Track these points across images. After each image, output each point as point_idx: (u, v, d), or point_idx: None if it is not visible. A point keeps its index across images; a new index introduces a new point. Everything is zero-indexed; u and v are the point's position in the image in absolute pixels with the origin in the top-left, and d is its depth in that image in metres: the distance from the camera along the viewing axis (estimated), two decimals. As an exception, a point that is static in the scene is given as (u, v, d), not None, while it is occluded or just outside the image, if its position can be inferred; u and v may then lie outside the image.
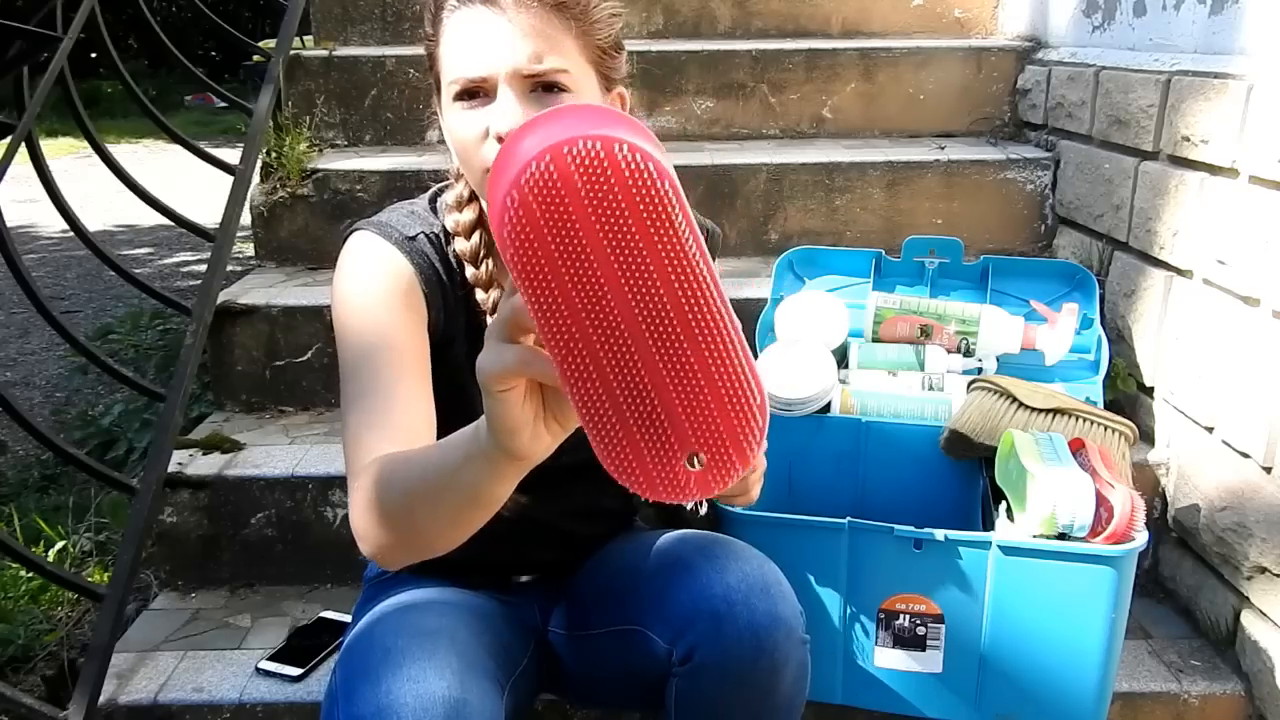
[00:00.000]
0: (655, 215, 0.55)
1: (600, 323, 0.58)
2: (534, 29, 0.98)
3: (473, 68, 1.00)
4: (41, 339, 3.68)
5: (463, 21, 1.01)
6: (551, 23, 0.99)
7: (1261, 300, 1.47)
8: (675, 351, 0.59)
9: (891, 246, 1.90)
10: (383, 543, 0.92)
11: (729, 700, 1.06)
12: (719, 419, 0.60)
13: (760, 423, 0.61)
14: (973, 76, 2.42)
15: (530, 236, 0.56)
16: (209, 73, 5.29)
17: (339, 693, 0.98)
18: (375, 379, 1.02)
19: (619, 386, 0.60)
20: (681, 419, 0.60)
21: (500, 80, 0.99)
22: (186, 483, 1.72)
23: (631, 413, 0.61)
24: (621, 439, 0.61)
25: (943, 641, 1.36)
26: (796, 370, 1.58)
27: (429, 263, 1.10)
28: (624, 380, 0.60)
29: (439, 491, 0.84)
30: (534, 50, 0.98)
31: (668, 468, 0.61)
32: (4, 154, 1.57)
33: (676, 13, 2.71)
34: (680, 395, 0.60)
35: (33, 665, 1.71)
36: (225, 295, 1.97)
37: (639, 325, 0.58)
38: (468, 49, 1.00)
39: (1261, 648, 1.47)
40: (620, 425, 0.61)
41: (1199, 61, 1.69)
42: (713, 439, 0.61)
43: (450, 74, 1.02)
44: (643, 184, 0.55)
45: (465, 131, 1.01)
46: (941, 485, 1.57)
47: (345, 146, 2.39)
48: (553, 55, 0.99)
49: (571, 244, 0.56)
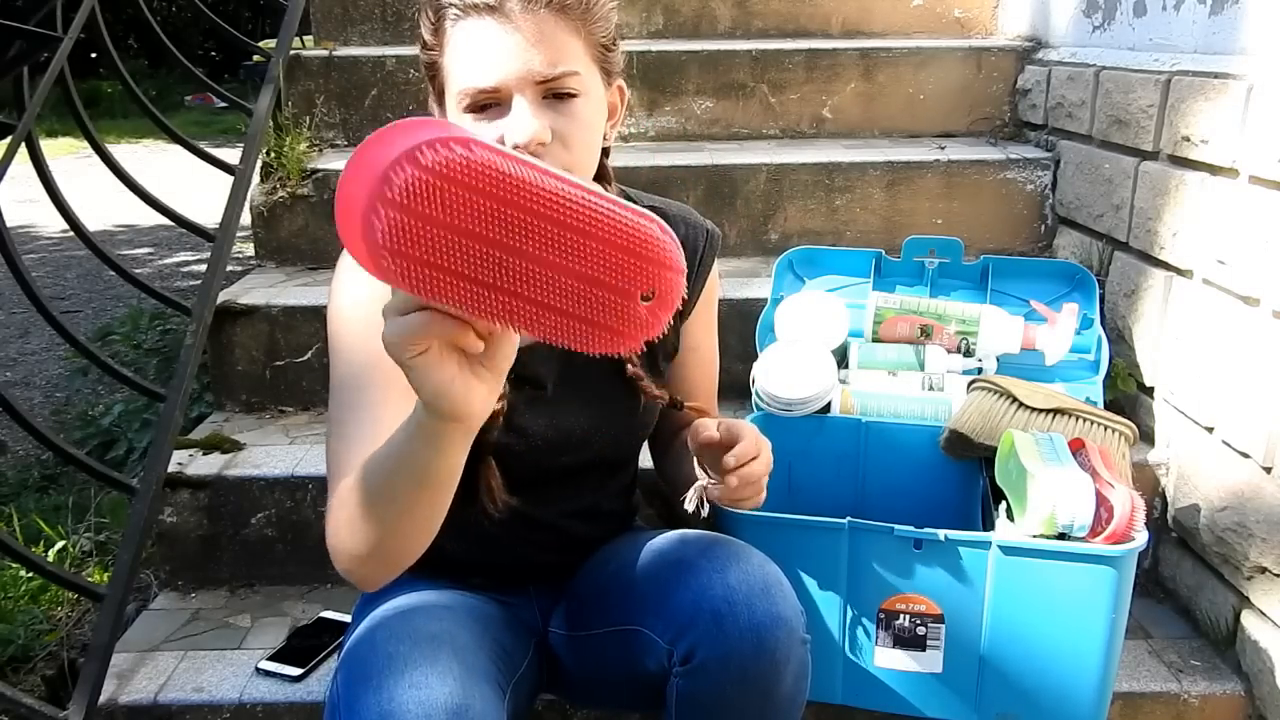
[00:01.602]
0: (484, 177, 0.64)
1: (501, 267, 0.66)
2: (543, 35, 0.98)
3: (484, 78, 0.99)
4: (41, 339, 3.68)
5: (469, 32, 0.99)
6: (559, 26, 0.99)
7: (1261, 300, 1.47)
8: (568, 248, 0.67)
9: (891, 246, 1.90)
10: (353, 552, 0.95)
11: (730, 700, 1.06)
12: (635, 258, 0.69)
13: (662, 235, 0.70)
14: (973, 76, 2.42)
15: (413, 229, 0.64)
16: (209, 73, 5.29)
17: (341, 699, 0.98)
18: (360, 402, 1.04)
19: (545, 298, 0.68)
20: (611, 279, 0.68)
21: (513, 90, 0.99)
22: (186, 483, 1.72)
23: (571, 306, 0.68)
24: (579, 328, 0.69)
25: (943, 641, 1.36)
26: (796, 370, 1.58)
27: None
28: (545, 292, 0.67)
29: (393, 478, 0.86)
30: (545, 57, 0.98)
31: (629, 318, 0.70)
32: (4, 154, 1.57)
33: (676, 13, 2.71)
34: (597, 265, 0.68)
35: (33, 665, 1.71)
36: (225, 295, 1.97)
37: (529, 253, 0.66)
38: (477, 60, 0.99)
39: (1261, 648, 1.47)
40: (569, 321, 0.68)
41: (1199, 61, 1.69)
42: (642, 274, 0.69)
43: (459, 84, 1.01)
44: (470, 162, 0.63)
45: None
46: (941, 485, 1.57)
47: (345, 146, 2.39)
48: (563, 60, 0.99)
49: (445, 225, 0.64)
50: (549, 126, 1.00)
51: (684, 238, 1.20)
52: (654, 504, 1.64)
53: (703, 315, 1.27)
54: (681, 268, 0.71)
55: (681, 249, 0.71)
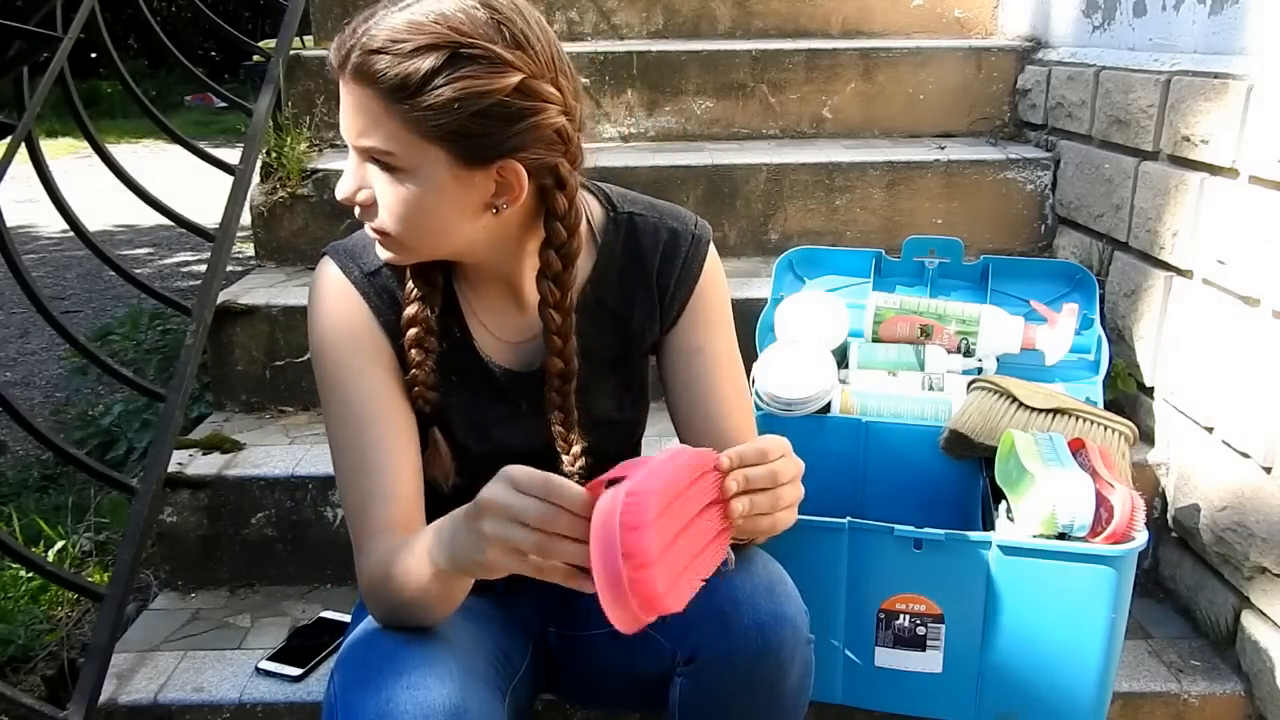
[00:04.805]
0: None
1: None
2: (360, 107, 1.01)
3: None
4: (41, 339, 3.68)
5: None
6: (376, 105, 0.99)
7: (1261, 300, 1.47)
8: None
9: (891, 246, 1.90)
10: (378, 616, 1.05)
11: (734, 700, 1.06)
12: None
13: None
14: (973, 76, 2.42)
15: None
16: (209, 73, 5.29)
17: (338, 700, 0.98)
18: (361, 446, 1.07)
19: None
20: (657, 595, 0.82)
21: (349, 144, 1.04)
22: (186, 483, 1.72)
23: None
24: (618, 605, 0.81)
25: (943, 641, 1.36)
26: (796, 370, 1.58)
27: (389, 300, 1.11)
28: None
29: (417, 586, 0.97)
30: (357, 127, 1.02)
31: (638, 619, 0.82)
32: (4, 154, 1.57)
33: (676, 13, 2.71)
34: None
35: (33, 665, 1.71)
36: (225, 295, 1.97)
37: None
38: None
39: (1261, 648, 1.47)
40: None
41: (1199, 62, 1.69)
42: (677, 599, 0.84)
43: None
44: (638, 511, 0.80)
45: None
46: (941, 485, 1.57)
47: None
48: (373, 136, 1.00)
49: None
50: (359, 187, 1.04)
51: (666, 241, 1.18)
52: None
53: (701, 316, 1.20)
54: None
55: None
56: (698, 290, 1.19)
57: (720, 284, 1.23)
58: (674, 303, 1.19)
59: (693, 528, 0.85)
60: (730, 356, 1.23)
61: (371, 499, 1.05)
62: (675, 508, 0.83)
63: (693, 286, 1.19)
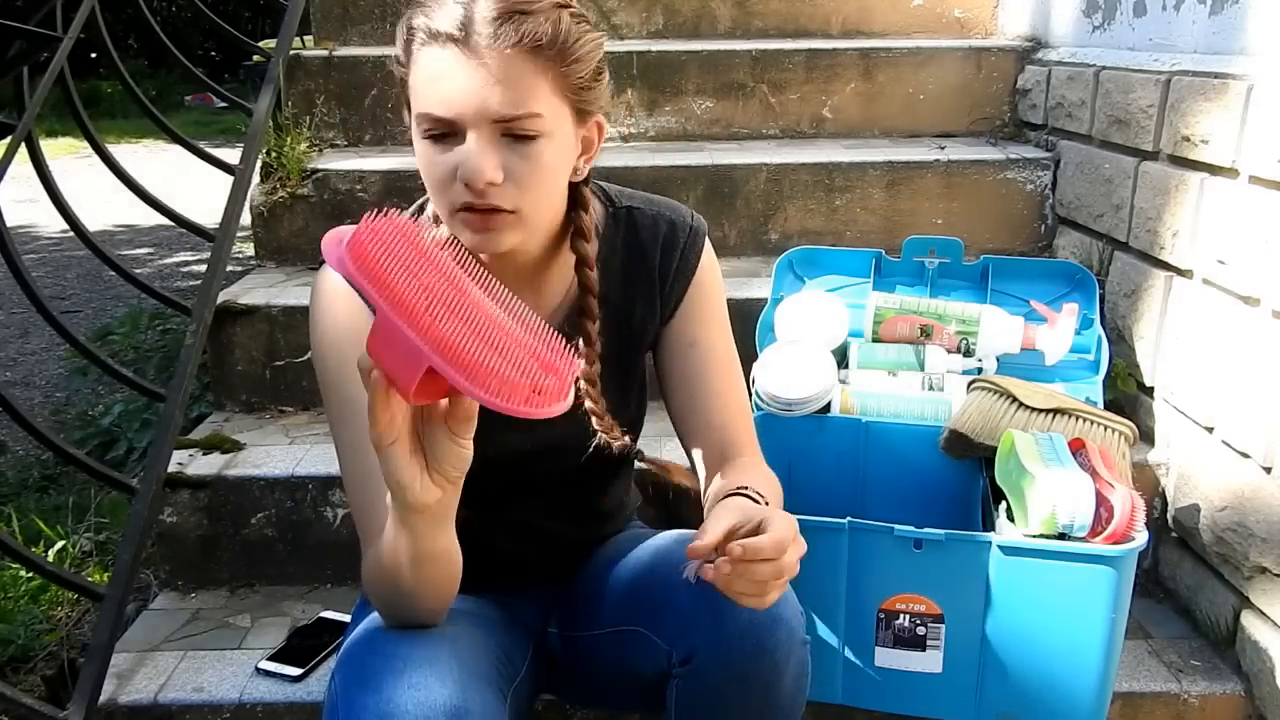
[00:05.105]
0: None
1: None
2: (507, 75, 0.95)
3: (440, 108, 0.97)
4: (41, 339, 3.68)
5: (432, 58, 0.98)
6: (527, 67, 0.96)
7: (1261, 300, 1.47)
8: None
9: (891, 246, 1.90)
10: (380, 611, 1.05)
11: (730, 701, 1.06)
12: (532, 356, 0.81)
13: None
14: (973, 76, 2.42)
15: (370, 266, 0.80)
16: (209, 73, 5.29)
17: (339, 700, 0.98)
18: (366, 446, 1.04)
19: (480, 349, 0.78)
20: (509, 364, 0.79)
21: (468, 125, 0.97)
22: (186, 483, 1.72)
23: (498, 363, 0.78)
24: (497, 388, 0.77)
25: (943, 641, 1.36)
26: (796, 370, 1.58)
27: None
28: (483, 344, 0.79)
29: (394, 562, 0.95)
30: (506, 97, 0.96)
31: (516, 394, 0.78)
32: (4, 154, 1.57)
33: (676, 13, 2.71)
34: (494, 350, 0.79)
35: (33, 665, 1.71)
36: (225, 295, 1.97)
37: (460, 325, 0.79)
38: (436, 88, 0.97)
39: (1261, 648, 1.47)
40: (491, 379, 0.77)
41: (1199, 62, 1.69)
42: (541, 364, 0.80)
43: (418, 107, 1.00)
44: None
45: (434, 169, 1.01)
46: (941, 485, 1.57)
47: (345, 146, 2.39)
48: (526, 101, 0.96)
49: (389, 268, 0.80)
50: (501, 166, 0.98)
51: (665, 234, 1.19)
52: (654, 504, 1.64)
53: (696, 309, 1.21)
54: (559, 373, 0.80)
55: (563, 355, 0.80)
56: (694, 283, 1.20)
57: (716, 278, 1.23)
58: (671, 295, 1.20)
59: (453, 289, 0.81)
60: (726, 351, 1.23)
61: (377, 499, 1.05)
62: (407, 261, 0.80)
63: (690, 279, 1.19)
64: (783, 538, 0.92)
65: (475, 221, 1.01)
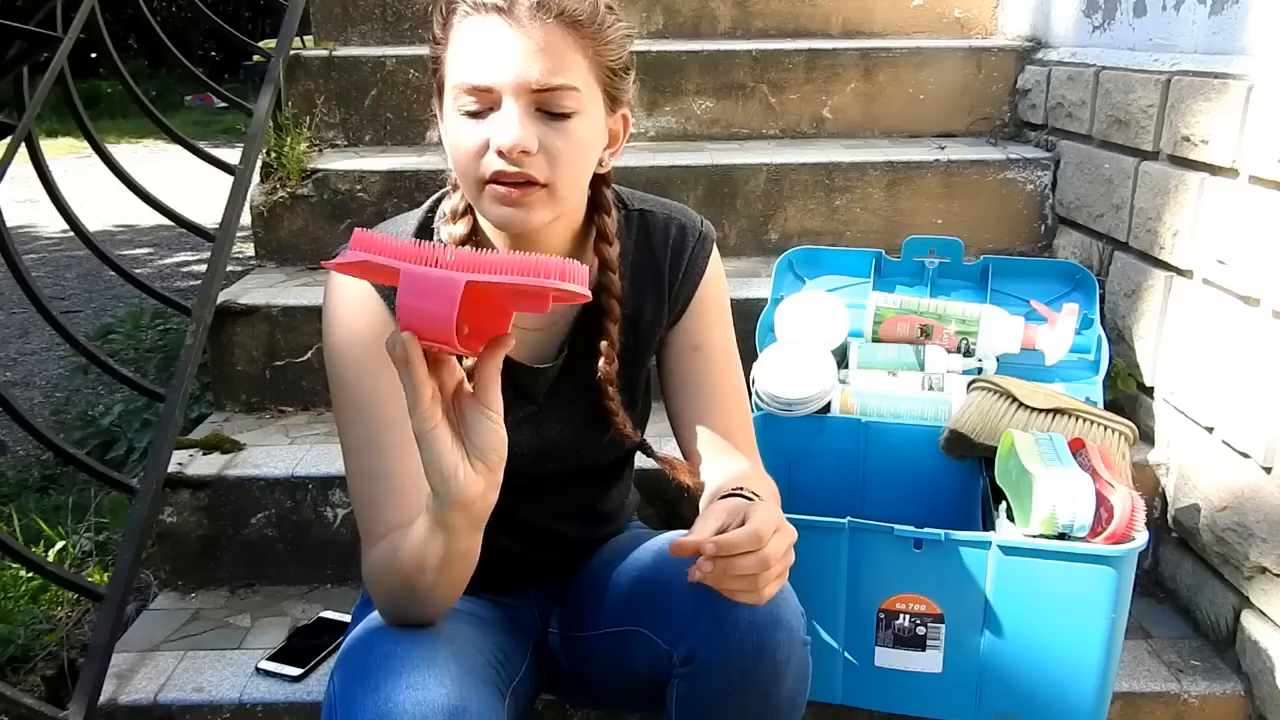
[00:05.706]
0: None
1: None
2: (547, 44, 0.97)
3: (479, 76, 0.98)
4: (41, 339, 3.68)
5: (474, 29, 0.99)
6: (566, 40, 0.98)
7: (1261, 300, 1.47)
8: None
9: (891, 246, 1.90)
10: (382, 606, 1.04)
11: (730, 701, 1.06)
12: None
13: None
14: (973, 76, 2.42)
15: None
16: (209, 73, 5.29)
17: (338, 700, 0.98)
18: (376, 449, 1.06)
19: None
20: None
21: (506, 93, 0.98)
22: (186, 483, 1.72)
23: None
24: (532, 267, 0.80)
25: (943, 641, 1.36)
26: (796, 370, 1.58)
27: None
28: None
29: (419, 564, 0.95)
30: (545, 66, 0.97)
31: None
32: (4, 154, 1.57)
33: (676, 13, 2.71)
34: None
35: (33, 665, 1.71)
36: (225, 295, 1.97)
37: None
38: (476, 57, 0.99)
39: (1261, 648, 1.47)
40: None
41: (1199, 62, 1.69)
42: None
43: (454, 79, 1.01)
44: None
45: (466, 141, 1.00)
46: (941, 485, 1.57)
47: (345, 146, 2.39)
48: (564, 73, 0.98)
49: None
50: (536, 138, 0.99)
51: (675, 237, 1.20)
52: (654, 504, 1.64)
53: (702, 313, 1.22)
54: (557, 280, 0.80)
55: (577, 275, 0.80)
56: (701, 287, 1.21)
57: (721, 283, 1.25)
58: (679, 298, 1.21)
59: None
60: (728, 356, 1.24)
61: (383, 502, 1.05)
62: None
63: (697, 283, 1.21)
64: (758, 528, 0.92)
65: (506, 195, 1.00)
